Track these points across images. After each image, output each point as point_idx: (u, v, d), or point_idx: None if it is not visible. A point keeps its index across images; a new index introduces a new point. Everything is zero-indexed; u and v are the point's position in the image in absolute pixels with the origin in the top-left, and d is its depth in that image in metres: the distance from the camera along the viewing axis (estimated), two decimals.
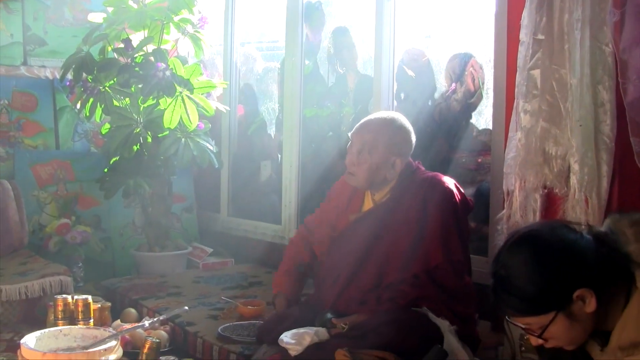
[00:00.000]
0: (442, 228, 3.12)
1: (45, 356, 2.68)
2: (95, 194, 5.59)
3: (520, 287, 2.04)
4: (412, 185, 3.26)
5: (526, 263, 2.05)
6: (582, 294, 2.00)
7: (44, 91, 5.89)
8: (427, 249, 3.12)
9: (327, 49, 5.55)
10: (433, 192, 3.19)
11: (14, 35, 5.77)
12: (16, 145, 5.70)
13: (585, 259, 2.02)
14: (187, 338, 3.82)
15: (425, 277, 3.09)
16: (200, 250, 5.71)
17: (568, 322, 2.03)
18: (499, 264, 2.12)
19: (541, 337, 2.07)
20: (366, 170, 3.25)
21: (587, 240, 2.06)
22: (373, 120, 3.33)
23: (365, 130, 3.29)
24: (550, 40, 3.12)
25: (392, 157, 3.23)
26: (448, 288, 3.08)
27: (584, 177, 2.97)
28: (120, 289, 4.73)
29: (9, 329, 4.08)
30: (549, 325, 2.03)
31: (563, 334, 2.06)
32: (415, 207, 3.17)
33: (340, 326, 3.07)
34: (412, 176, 3.30)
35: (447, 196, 3.18)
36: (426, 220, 3.14)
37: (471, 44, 4.83)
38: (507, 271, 2.08)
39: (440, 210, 3.14)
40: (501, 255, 2.13)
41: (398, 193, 3.27)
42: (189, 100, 4.90)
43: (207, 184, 6.32)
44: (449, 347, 2.84)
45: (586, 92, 2.97)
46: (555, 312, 2.02)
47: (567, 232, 2.08)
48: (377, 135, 3.24)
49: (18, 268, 4.56)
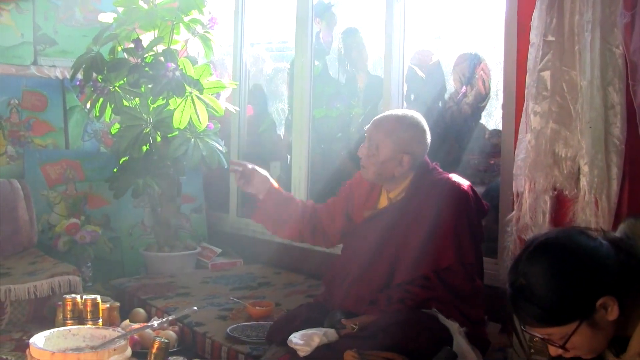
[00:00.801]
0: (455, 229, 3.10)
1: (54, 356, 2.69)
2: (105, 194, 5.61)
3: (542, 297, 1.98)
4: (426, 185, 3.24)
5: (548, 272, 2.00)
6: (605, 301, 1.96)
7: (54, 91, 5.91)
8: (439, 249, 3.10)
9: (338, 49, 5.56)
10: (447, 193, 3.17)
11: (24, 35, 5.79)
12: (26, 145, 5.72)
13: (606, 266, 1.98)
14: (196, 338, 3.82)
15: (435, 278, 3.08)
16: (209, 251, 5.72)
17: (591, 331, 1.99)
18: (518, 273, 2.05)
19: (563, 348, 2.03)
20: (374, 164, 3.25)
21: (606, 246, 2.02)
22: (387, 117, 3.32)
23: (377, 125, 3.28)
24: (560, 41, 3.11)
25: (400, 154, 3.22)
26: (458, 290, 3.07)
27: (594, 179, 2.96)
28: (129, 288, 4.74)
29: (18, 329, 4.09)
30: (572, 335, 1.99)
31: (585, 344, 2.02)
32: (428, 207, 3.16)
33: (350, 327, 3.06)
34: (427, 176, 3.28)
35: (461, 198, 3.16)
36: (439, 220, 3.12)
37: (480, 45, 4.83)
38: (527, 280, 2.02)
39: (454, 212, 3.12)
40: (520, 264, 2.07)
41: (412, 192, 3.26)
42: (199, 101, 4.91)
43: (216, 185, 6.33)
44: (459, 349, 2.83)
45: (596, 94, 2.96)
46: (579, 321, 1.98)
47: (586, 239, 2.04)
48: (387, 131, 3.23)
49: (27, 267, 4.57)
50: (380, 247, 3.24)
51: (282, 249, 5.49)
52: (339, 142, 5.46)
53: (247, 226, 5.99)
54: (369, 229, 3.34)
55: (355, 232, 3.43)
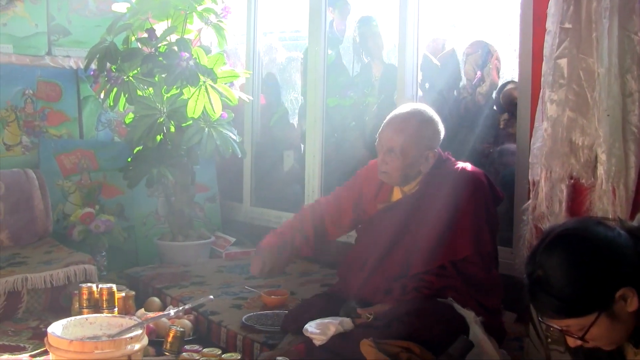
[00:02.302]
0: (473, 220, 3.10)
1: (72, 344, 2.70)
2: (119, 183, 5.61)
3: (560, 289, 1.97)
4: (441, 177, 3.22)
5: (566, 263, 1.97)
6: (624, 293, 1.93)
7: (68, 81, 5.92)
8: (457, 240, 3.09)
9: (353, 37, 5.54)
10: (463, 184, 3.15)
11: (38, 25, 5.79)
12: (41, 135, 5.73)
13: (625, 256, 1.95)
14: (211, 327, 3.83)
15: (452, 268, 3.08)
16: (223, 240, 5.72)
17: (610, 323, 1.96)
18: (535, 265, 2.03)
19: (582, 339, 2.01)
20: (399, 169, 3.22)
21: (624, 237, 1.99)
22: (400, 118, 3.26)
23: (393, 130, 3.23)
24: (577, 28, 3.08)
25: (425, 152, 3.20)
26: (475, 280, 3.06)
27: (611, 168, 2.94)
28: (144, 277, 4.75)
29: (35, 317, 4.12)
30: (591, 327, 1.97)
31: (604, 335, 2.00)
32: (444, 198, 3.14)
33: (365, 316, 3.06)
34: (442, 167, 3.27)
35: (478, 188, 3.15)
36: (456, 211, 3.11)
37: (495, 33, 4.81)
38: (545, 272, 1.99)
39: (471, 202, 3.11)
40: (537, 256, 2.04)
41: (427, 184, 3.24)
42: (213, 90, 4.90)
43: (230, 174, 6.33)
44: (475, 338, 2.83)
45: (614, 82, 2.93)
46: (598, 313, 1.95)
47: (604, 229, 2.01)
48: (407, 134, 3.18)
49: (43, 257, 4.60)
50: (396, 238, 3.24)
51: None
52: (353, 131, 5.44)
53: (261, 215, 5.99)
54: (384, 220, 3.33)
55: (370, 224, 3.42)
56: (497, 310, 3.12)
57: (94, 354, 2.67)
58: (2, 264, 4.39)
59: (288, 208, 5.70)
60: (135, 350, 2.76)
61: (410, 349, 2.77)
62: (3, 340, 3.72)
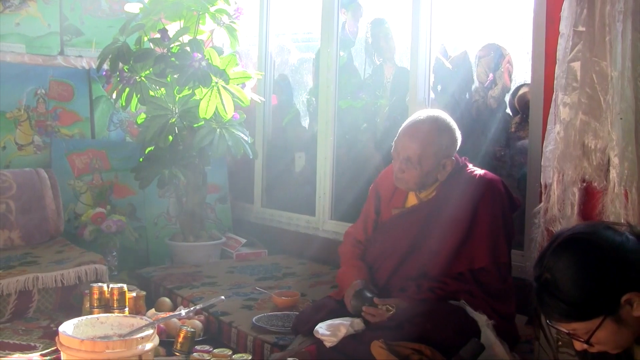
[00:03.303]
0: (491, 230, 3.09)
1: (83, 343, 2.70)
2: (130, 184, 5.63)
3: (566, 292, 1.98)
4: (459, 184, 3.20)
5: (573, 267, 1.98)
6: (630, 297, 1.94)
7: (81, 81, 5.94)
8: (474, 250, 3.09)
9: (365, 39, 5.54)
10: (481, 192, 3.13)
11: (51, 26, 5.81)
12: (53, 135, 5.75)
13: (632, 261, 1.96)
14: (222, 328, 3.83)
15: (469, 274, 3.08)
16: (234, 241, 5.73)
17: (616, 327, 1.97)
18: (543, 268, 2.04)
19: (587, 343, 2.02)
20: (417, 177, 3.18)
21: (632, 242, 1.99)
22: (417, 127, 3.20)
23: (410, 138, 3.18)
24: (591, 32, 3.07)
25: (443, 160, 3.17)
26: (491, 289, 3.06)
27: (624, 171, 2.93)
28: (155, 278, 4.76)
29: (46, 316, 4.13)
30: (596, 331, 1.98)
31: (610, 339, 2.00)
32: (463, 206, 3.12)
33: (386, 307, 3.05)
34: (459, 174, 3.24)
35: (496, 197, 3.13)
36: (473, 220, 3.10)
37: (507, 36, 4.79)
38: (552, 275, 2.01)
39: (489, 212, 3.10)
40: (545, 259, 2.05)
41: (445, 191, 3.22)
42: (225, 91, 4.92)
43: (242, 175, 6.34)
44: (487, 342, 2.82)
45: (627, 85, 2.92)
46: (603, 317, 1.96)
47: (612, 234, 2.01)
48: (425, 144, 3.14)
49: (54, 256, 4.61)
50: (413, 244, 3.22)
51: (307, 239, 5.50)
52: (365, 133, 5.44)
53: (272, 216, 5.99)
54: (400, 226, 3.31)
55: (385, 227, 3.40)
56: (511, 316, 3.11)
57: (105, 354, 2.67)
58: (13, 263, 4.41)
59: (299, 209, 5.71)
60: (146, 350, 2.76)
61: (421, 350, 2.77)
62: (14, 339, 3.73)
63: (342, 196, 5.30)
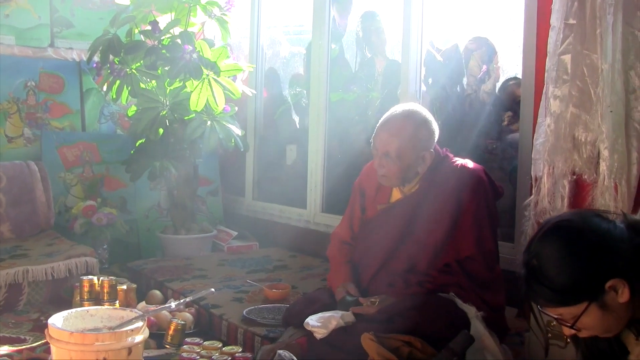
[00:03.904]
0: (475, 219, 3.10)
1: (73, 336, 2.69)
2: (121, 176, 5.62)
3: (552, 278, 2.00)
4: (441, 175, 3.21)
5: (558, 253, 2.00)
6: (614, 284, 1.95)
7: (71, 73, 5.92)
8: (460, 240, 3.10)
9: (356, 33, 5.53)
10: (464, 181, 3.14)
11: (41, 17, 5.79)
12: (43, 127, 5.73)
13: (617, 248, 1.97)
14: (212, 320, 3.83)
15: (456, 266, 3.08)
16: (225, 234, 5.73)
17: (600, 313, 1.99)
18: (530, 254, 2.06)
19: (573, 328, 2.04)
20: (397, 172, 3.19)
21: (620, 229, 2.00)
22: (394, 122, 3.22)
23: (388, 134, 3.19)
24: (581, 24, 3.07)
25: (421, 153, 3.18)
26: (478, 277, 3.06)
27: (613, 164, 2.93)
28: (146, 270, 4.75)
29: (36, 309, 4.12)
30: (581, 316, 2.00)
31: (596, 324, 2.02)
32: (445, 196, 3.14)
33: (369, 302, 3.06)
34: (441, 165, 3.26)
35: (479, 186, 3.15)
36: (458, 210, 3.11)
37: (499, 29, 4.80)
38: (539, 261, 2.03)
39: (473, 201, 3.11)
40: (533, 245, 2.08)
41: (428, 183, 3.23)
42: (216, 83, 4.91)
43: (233, 167, 6.33)
44: (476, 334, 2.82)
45: (617, 78, 2.93)
46: (588, 302, 1.98)
47: (599, 221, 2.03)
48: (402, 138, 3.15)
49: (44, 249, 4.60)
50: (400, 239, 3.22)
51: (298, 232, 5.50)
52: (356, 126, 5.44)
53: (263, 209, 5.99)
54: (385, 221, 3.32)
55: (372, 223, 3.40)
56: (500, 307, 3.11)
57: (95, 346, 2.66)
58: (3, 256, 4.39)
59: (290, 202, 5.71)
60: (136, 342, 2.75)
61: (411, 343, 2.77)
62: (4, 332, 3.72)
63: (334, 189, 5.31)
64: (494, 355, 2.83)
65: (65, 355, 2.70)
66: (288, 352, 2.94)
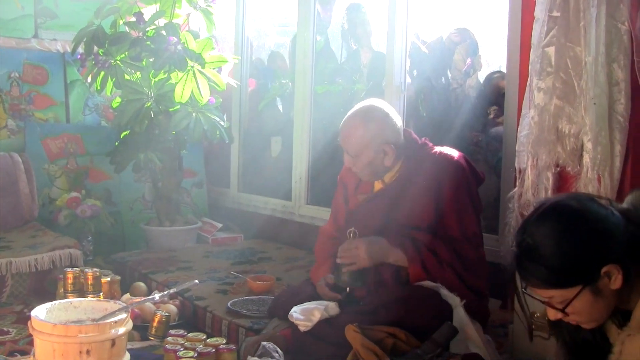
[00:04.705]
0: (457, 204, 3.12)
1: (56, 327, 2.68)
2: (106, 168, 5.60)
3: (548, 258, 1.99)
4: (420, 162, 3.24)
5: (556, 234, 1.99)
6: (609, 269, 1.96)
7: (55, 64, 5.89)
8: (442, 223, 3.12)
9: (342, 25, 5.53)
10: (443, 168, 3.17)
11: (25, 8, 5.75)
12: (27, 119, 5.70)
13: (615, 234, 1.98)
14: (197, 312, 3.83)
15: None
16: (210, 226, 5.72)
17: (592, 298, 1.99)
18: (525, 233, 2.05)
19: (563, 311, 2.03)
20: (364, 168, 3.25)
21: (616, 216, 2.01)
22: (346, 123, 3.29)
23: (344, 136, 3.26)
24: (565, 17, 3.08)
25: (381, 147, 3.20)
26: (463, 258, 3.08)
27: (597, 156, 2.95)
28: (130, 262, 4.74)
29: (19, 301, 4.11)
30: (573, 300, 1.99)
31: (586, 310, 2.02)
32: (427, 184, 3.15)
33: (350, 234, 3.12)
34: (420, 153, 3.28)
35: (459, 171, 3.17)
36: (438, 195, 3.13)
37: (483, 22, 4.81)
38: (534, 240, 2.02)
39: (453, 187, 3.13)
40: (528, 225, 2.06)
41: (407, 171, 3.25)
42: (201, 75, 4.89)
43: (218, 159, 6.32)
44: (460, 324, 2.83)
45: (601, 71, 2.94)
46: (582, 286, 1.98)
47: (597, 206, 2.03)
48: (354, 138, 3.21)
49: (28, 241, 4.58)
50: (383, 226, 3.23)
51: (283, 224, 5.50)
52: (341, 118, 5.41)
53: (248, 201, 5.99)
54: (367, 211, 3.33)
55: (355, 214, 3.41)
56: (482, 292, 3.12)
57: (78, 338, 2.65)
58: None
59: (275, 194, 5.70)
60: (119, 334, 2.74)
61: (395, 334, 2.78)
62: None
63: (318, 181, 5.30)
64: (477, 346, 2.84)
65: (49, 347, 2.68)
66: (272, 343, 2.94)
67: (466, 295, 2.98)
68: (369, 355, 2.64)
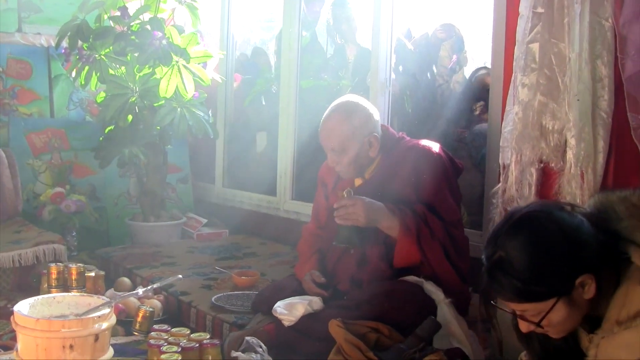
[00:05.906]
0: (436, 194, 3.14)
1: (39, 322, 2.67)
2: (90, 163, 5.58)
3: (522, 271, 1.94)
4: (398, 155, 3.26)
5: (529, 246, 1.96)
6: (584, 280, 1.93)
7: (39, 59, 5.86)
8: None
9: (327, 20, 5.52)
10: (421, 159, 3.19)
11: (8, 2, 5.72)
12: (11, 113, 5.67)
13: (588, 244, 1.95)
14: (181, 307, 3.83)
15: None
16: (194, 221, 5.71)
17: (568, 309, 1.96)
18: (497, 246, 2.00)
19: (538, 325, 1.99)
20: (349, 164, 3.25)
21: (587, 224, 1.98)
22: (328, 119, 3.29)
23: (326, 131, 3.27)
24: (550, 13, 3.09)
25: (365, 139, 3.22)
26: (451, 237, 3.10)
27: (580, 152, 2.96)
28: (115, 258, 4.73)
29: (2, 297, 4.09)
30: (549, 313, 1.96)
31: (561, 321, 1.98)
32: (405, 176, 3.17)
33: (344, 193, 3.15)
34: (396, 146, 3.31)
35: (437, 161, 3.18)
36: (417, 186, 3.14)
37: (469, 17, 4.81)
38: (507, 253, 1.97)
39: (431, 177, 3.14)
40: (499, 237, 2.01)
41: (386, 165, 3.27)
42: (185, 70, 4.88)
43: (203, 155, 6.31)
44: (443, 319, 2.84)
45: (585, 67, 2.95)
46: (557, 298, 1.94)
47: (567, 215, 2.00)
48: (339, 131, 3.21)
49: (12, 236, 4.56)
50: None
51: (268, 219, 5.50)
52: None
53: (233, 196, 5.98)
54: None
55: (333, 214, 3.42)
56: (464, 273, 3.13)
57: (61, 333, 2.64)
58: None
59: (260, 189, 5.69)
60: (102, 329, 2.74)
61: (379, 329, 2.78)
62: None
63: (303, 176, 5.30)
64: (460, 342, 2.85)
65: (32, 343, 2.68)
66: (256, 338, 2.95)
67: (450, 273, 3.03)
68: (352, 350, 2.64)
